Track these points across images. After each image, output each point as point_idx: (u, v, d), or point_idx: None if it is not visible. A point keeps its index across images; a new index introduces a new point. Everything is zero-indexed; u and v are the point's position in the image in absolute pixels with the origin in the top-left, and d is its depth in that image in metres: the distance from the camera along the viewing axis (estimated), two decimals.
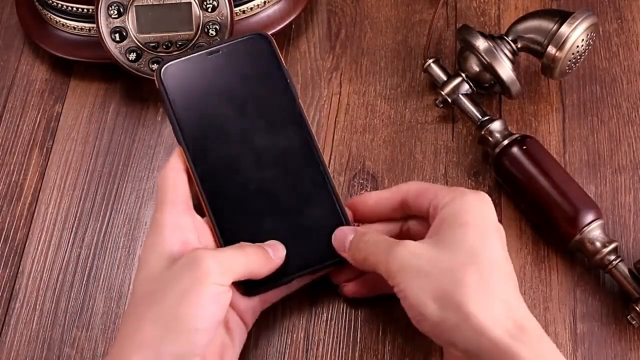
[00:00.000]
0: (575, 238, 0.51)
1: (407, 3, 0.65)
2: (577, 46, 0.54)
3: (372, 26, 0.64)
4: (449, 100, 0.58)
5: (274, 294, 0.49)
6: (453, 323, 0.42)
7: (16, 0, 0.65)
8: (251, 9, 0.61)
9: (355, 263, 0.47)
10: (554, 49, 0.55)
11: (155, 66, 0.57)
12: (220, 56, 0.51)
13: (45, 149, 0.60)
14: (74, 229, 0.56)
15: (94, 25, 0.58)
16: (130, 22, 0.57)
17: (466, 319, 0.41)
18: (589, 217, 0.51)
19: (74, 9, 0.60)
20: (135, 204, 0.57)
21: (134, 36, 0.58)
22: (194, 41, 0.58)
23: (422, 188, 0.48)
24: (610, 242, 0.51)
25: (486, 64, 0.56)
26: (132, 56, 0.58)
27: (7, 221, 0.57)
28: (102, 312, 0.53)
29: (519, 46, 0.57)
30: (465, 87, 0.58)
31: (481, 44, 0.55)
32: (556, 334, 0.51)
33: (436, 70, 0.59)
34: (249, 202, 0.49)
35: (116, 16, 0.57)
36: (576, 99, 0.60)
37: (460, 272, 0.43)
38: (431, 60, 0.59)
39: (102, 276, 0.54)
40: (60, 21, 0.61)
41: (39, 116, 0.61)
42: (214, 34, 0.58)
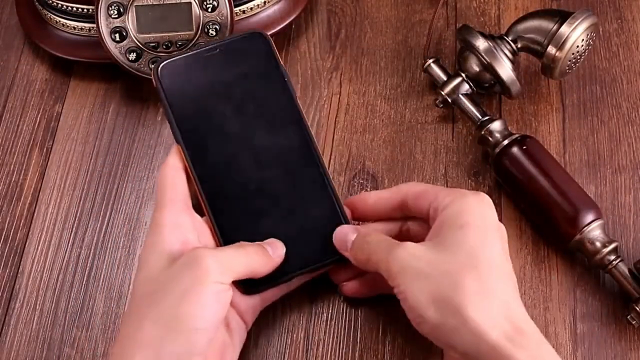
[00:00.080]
0: (575, 238, 0.51)
1: (407, 3, 0.65)
2: (577, 46, 0.55)
3: (372, 26, 0.64)
4: (449, 100, 0.58)
5: (274, 293, 0.49)
6: (452, 326, 0.42)
7: (16, 0, 0.65)
8: (251, 9, 0.61)
9: (357, 263, 0.47)
10: (554, 49, 0.55)
11: None
12: (218, 54, 0.51)
13: (45, 149, 0.60)
14: (74, 229, 0.56)
15: (94, 25, 0.58)
16: (130, 22, 0.57)
17: (465, 323, 0.41)
18: (589, 217, 0.51)
19: (74, 9, 0.60)
20: (135, 204, 0.57)
21: (134, 36, 0.58)
22: (194, 41, 0.58)
23: (422, 190, 0.48)
24: (610, 242, 0.51)
25: (486, 64, 0.56)
26: (132, 56, 0.58)
27: (7, 221, 0.57)
28: (102, 312, 0.53)
29: (519, 46, 0.57)
30: (465, 87, 0.58)
31: (481, 44, 0.55)
32: (556, 334, 0.51)
33: (436, 70, 0.59)
34: (248, 201, 0.49)
35: (116, 16, 0.57)
36: (576, 99, 0.60)
37: (459, 275, 0.43)
38: (431, 60, 0.59)
39: (102, 276, 0.54)
40: (60, 21, 0.61)
41: (39, 116, 0.61)
42: (214, 34, 0.58)
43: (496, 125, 0.55)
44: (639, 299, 0.49)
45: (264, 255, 0.47)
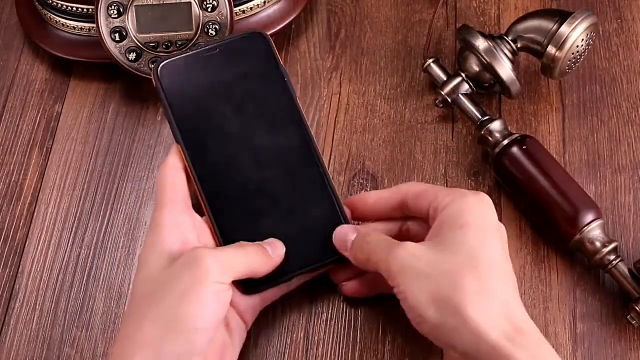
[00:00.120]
0: (575, 238, 0.51)
1: (407, 3, 0.65)
2: (577, 46, 0.55)
3: (372, 26, 0.64)
4: (449, 100, 0.58)
5: (274, 293, 0.49)
6: (452, 326, 0.42)
7: (16, 0, 0.65)
8: (251, 9, 0.61)
9: (357, 263, 0.47)
10: (554, 49, 0.55)
11: None
12: (218, 54, 0.51)
13: (45, 149, 0.60)
14: (74, 229, 0.56)
15: (94, 25, 0.58)
16: (130, 22, 0.57)
17: (465, 323, 0.41)
18: (589, 217, 0.51)
19: (74, 9, 0.60)
20: (135, 204, 0.57)
21: (134, 36, 0.58)
22: (194, 41, 0.58)
23: (422, 190, 0.48)
24: (610, 242, 0.51)
25: (486, 64, 0.56)
26: (132, 56, 0.58)
27: (7, 221, 0.57)
28: (102, 312, 0.53)
29: (519, 46, 0.57)
30: (465, 87, 0.58)
31: (481, 44, 0.55)
32: (556, 334, 0.51)
33: (436, 70, 0.59)
34: (248, 200, 0.49)
35: (116, 16, 0.57)
36: (576, 99, 0.60)
37: (459, 275, 0.43)
38: (431, 60, 0.59)
39: (102, 276, 0.54)
40: (60, 21, 0.61)
41: (39, 116, 0.61)
42: (214, 34, 0.58)
43: (496, 125, 0.55)
44: (639, 299, 0.49)
45: (264, 255, 0.47)
